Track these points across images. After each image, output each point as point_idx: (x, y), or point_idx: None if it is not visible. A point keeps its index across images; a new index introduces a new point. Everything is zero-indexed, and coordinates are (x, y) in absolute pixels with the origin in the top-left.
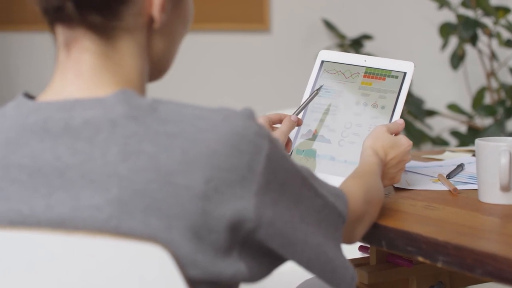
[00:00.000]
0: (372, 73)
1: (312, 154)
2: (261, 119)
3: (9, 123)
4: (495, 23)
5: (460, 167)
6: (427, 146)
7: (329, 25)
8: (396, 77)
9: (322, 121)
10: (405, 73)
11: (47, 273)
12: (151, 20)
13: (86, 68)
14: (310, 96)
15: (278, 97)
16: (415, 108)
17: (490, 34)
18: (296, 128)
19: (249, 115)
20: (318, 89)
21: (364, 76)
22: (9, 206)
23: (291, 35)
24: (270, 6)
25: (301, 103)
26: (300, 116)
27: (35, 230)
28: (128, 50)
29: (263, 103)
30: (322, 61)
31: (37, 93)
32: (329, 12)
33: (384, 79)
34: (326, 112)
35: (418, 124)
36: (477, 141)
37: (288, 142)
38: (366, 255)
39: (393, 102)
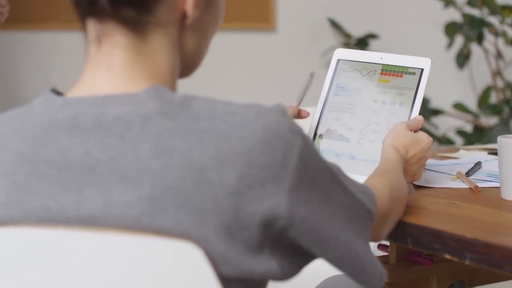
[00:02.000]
0: (389, 70)
1: (331, 153)
2: None
3: (36, 119)
4: (501, 22)
5: (478, 165)
6: (432, 145)
7: (334, 24)
8: (414, 73)
9: (340, 119)
10: (422, 69)
11: (78, 271)
12: (183, 16)
13: (117, 62)
14: (306, 84)
15: (283, 96)
16: (421, 107)
17: (496, 33)
18: (315, 127)
19: (282, 111)
20: (311, 75)
21: (381, 74)
22: (37, 203)
23: (297, 34)
24: (275, 5)
25: (299, 94)
26: (313, 113)
27: (65, 228)
28: (160, 45)
29: (268, 102)
30: (338, 60)
31: (43, 92)
32: (335, 11)
33: (401, 76)
34: (344, 110)
35: (423, 124)
36: (499, 138)
37: None
38: (385, 253)
39: (411, 98)
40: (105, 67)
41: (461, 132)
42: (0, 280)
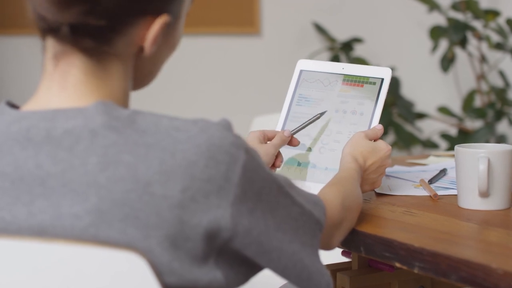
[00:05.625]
0: (350, 80)
1: (293, 162)
2: (257, 133)
3: None
4: (485, 26)
5: (443, 172)
6: (417, 149)
7: (319, 29)
8: (374, 83)
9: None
10: (382, 79)
11: (26, 281)
12: (141, 50)
13: (71, 82)
14: (311, 118)
15: (269, 101)
16: (405, 111)
17: (479, 37)
18: None
19: (226, 126)
20: (322, 113)
21: (343, 84)
22: None
23: (282, 38)
24: (260, 9)
25: (300, 124)
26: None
27: (16, 238)
28: (116, 72)
29: (253, 106)
30: (301, 71)
31: (25, 96)
32: (320, 15)
33: (362, 86)
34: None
35: (408, 127)
36: (456, 147)
37: (279, 155)
38: (349, 259)
39: (371, 108)
40: (59, 85)
41: (445, 136)
42: None
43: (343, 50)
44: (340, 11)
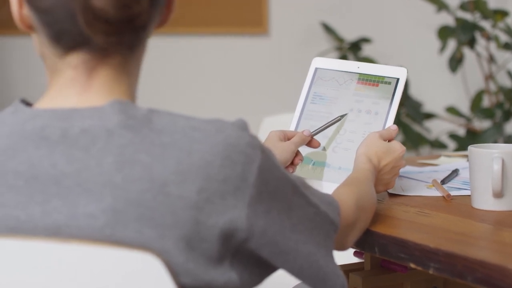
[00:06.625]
0: (366, 80)
1: (307, 161)
2: (277, 132)
3: (6, 129)
4: (493, 26)
5: (455, 172)
6: (425, 149)
7: (327, 29)
8: (389, 83)
9: (316, 128)
10: (398, 79)
11: (40, 280)
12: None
13: (97, 84)
14: (332, 120)
15: (277, 101)
16: (414, 111)
17: (488, 37)
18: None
19: (242, 126)
20: (342, 116)
21: (358, 83)
22: (6, 212)
23: (290, 38)
24: (268, 9)
25: (320, 126)
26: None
27: (31, 238)
28: (139, 59)
29: (261, 106)
30: (316, 69)
31: (27, 96)
32: (328, 15)
33: (377, 85)
34: (321, 119)
35: (416, 127)
36: (470, 147)
37: (298, 153)
38: (361, 260)
39: (386, 108)
40: (82, 87)
41: (454, 136)
42: None
43: (351, 50)
44: (348, 11)
